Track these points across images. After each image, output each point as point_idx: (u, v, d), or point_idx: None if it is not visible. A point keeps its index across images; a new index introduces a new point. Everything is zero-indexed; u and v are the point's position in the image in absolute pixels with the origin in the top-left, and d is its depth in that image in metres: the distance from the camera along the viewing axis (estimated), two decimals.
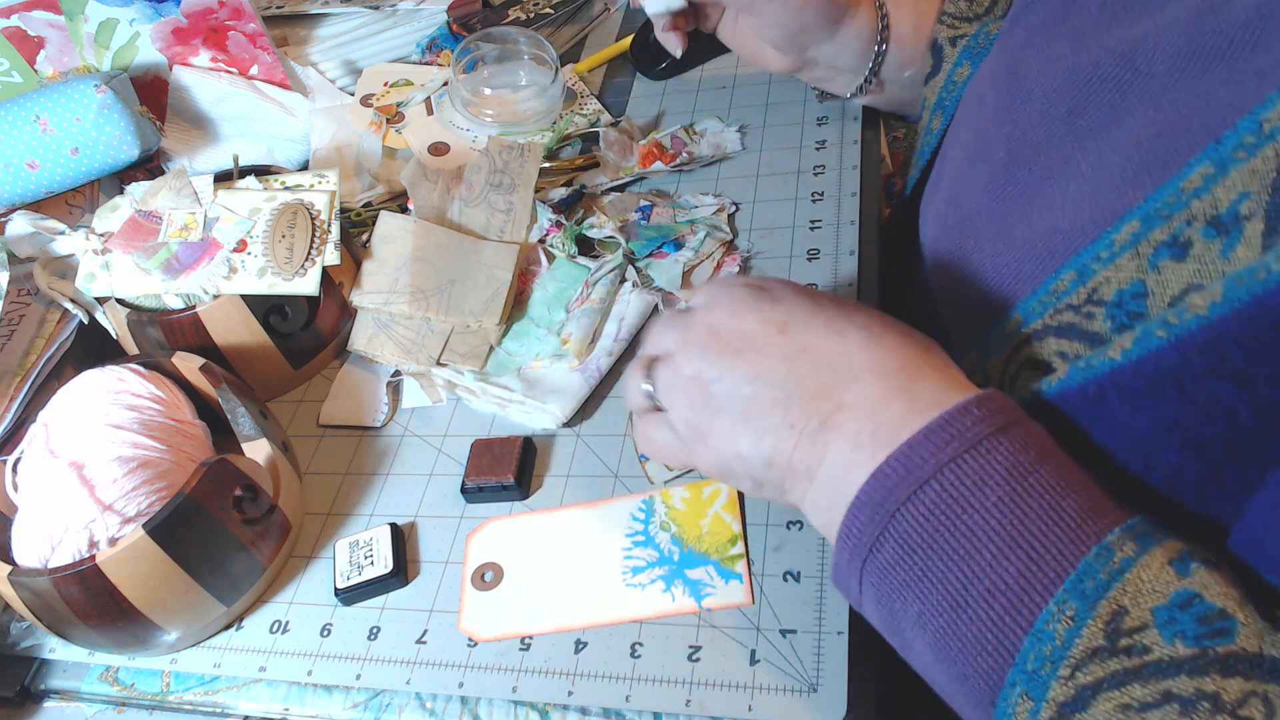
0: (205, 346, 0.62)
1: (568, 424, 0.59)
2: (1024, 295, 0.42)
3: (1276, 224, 0.31)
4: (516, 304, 0.65)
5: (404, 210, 0.71)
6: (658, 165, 0.74)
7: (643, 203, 0.70)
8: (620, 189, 0.73)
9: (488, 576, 0.52)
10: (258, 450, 0.57)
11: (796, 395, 0.39)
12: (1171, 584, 0.32)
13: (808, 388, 0.39)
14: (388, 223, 0.67)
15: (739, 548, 0.50)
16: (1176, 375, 0.33)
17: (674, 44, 0.71)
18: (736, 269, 0.65)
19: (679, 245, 0.66)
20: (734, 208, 0.69)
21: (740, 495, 0.52)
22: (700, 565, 0.50)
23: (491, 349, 0.63)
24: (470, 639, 0.50)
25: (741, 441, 0.40)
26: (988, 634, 0.34)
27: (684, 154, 0.74)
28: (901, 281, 0.64)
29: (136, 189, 0.67)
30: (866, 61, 0.67)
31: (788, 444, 0.39)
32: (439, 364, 0.63)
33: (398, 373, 0.65)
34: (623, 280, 0.65)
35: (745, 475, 0.42)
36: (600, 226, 0.68)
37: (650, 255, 0.66)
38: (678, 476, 0.54)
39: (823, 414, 0.39)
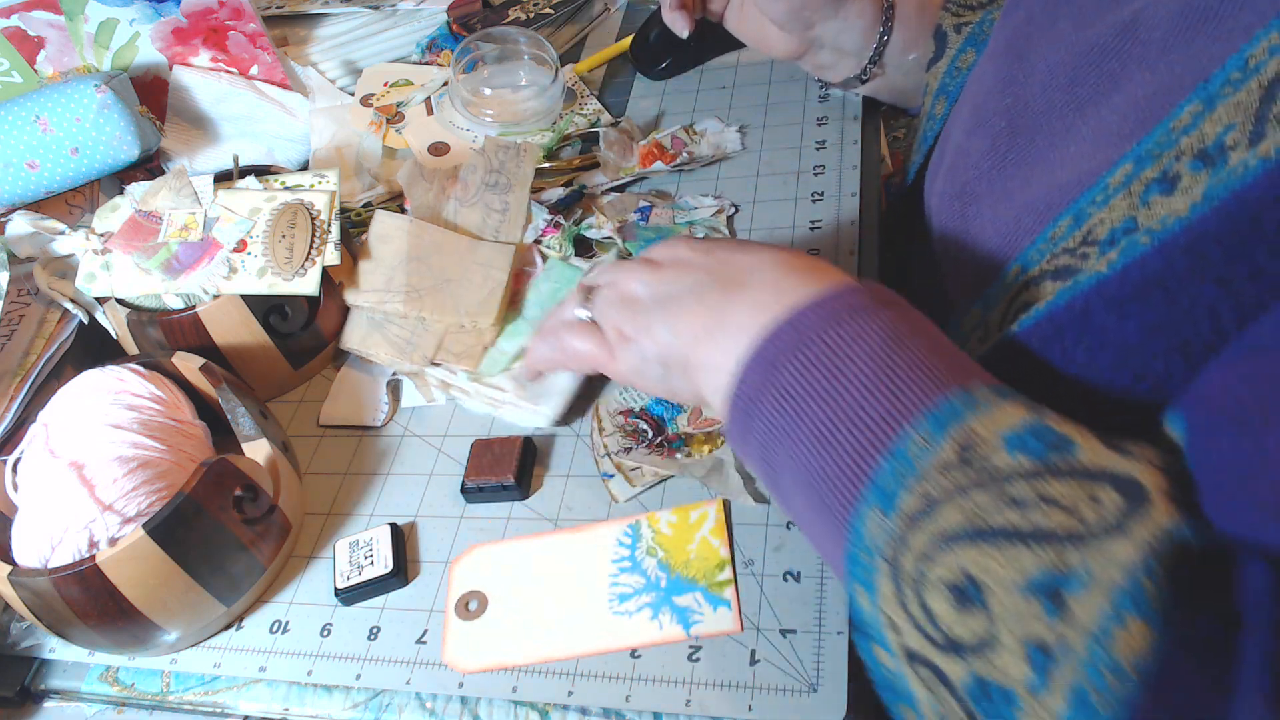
0: (205, 346, 0.62)
1: (564, 422, 0.59)
2: (1023, 248, 0.43)
3: (1259, 149, 0.32)
4: (511, 304, 0.65)
5: (401, 210, 0.71)
6: (658, 165, 0.74)
7: (642, 203, 0.70)
8: (620, 189, 0.73)
9: (472, 605, 0.52)
10: (258, 450, 0.57)
11: (711, 286, 0.44)
12: (1025, 418, 0.33)
13: (721, 281, 0.44)
14: (384, 222, 0.67)
15: (727, 573, 0.49)
16: (1161, 279, 0.34)
17: (680, 24, 0.71)
18: None
19: None
20: (733, 209, 0.69)
21: (728, 517, 0.51)
22: (688, 591, 0.49)
23: (486, 349, 0.63)
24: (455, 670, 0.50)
25: (660, 331, 0.45)
26: (848, 461, 0.36)
27: (684, 154, 0.74)
28: (901, 279, 0.64)
29: (136, 189, 0.67)
30: (870, 44, 0.67)
31: (698, 319, 0.44)
32: (433, 363, 0.63)
33: (397, 372, 0.65)
34: None
35: (656, 361, 0.46)
36: (599, 227, 0.68)
37: None
38: (641, 492, 0.54)
39: (730, 293, 0.43)
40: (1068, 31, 0.46)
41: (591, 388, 0.61)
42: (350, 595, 0.53)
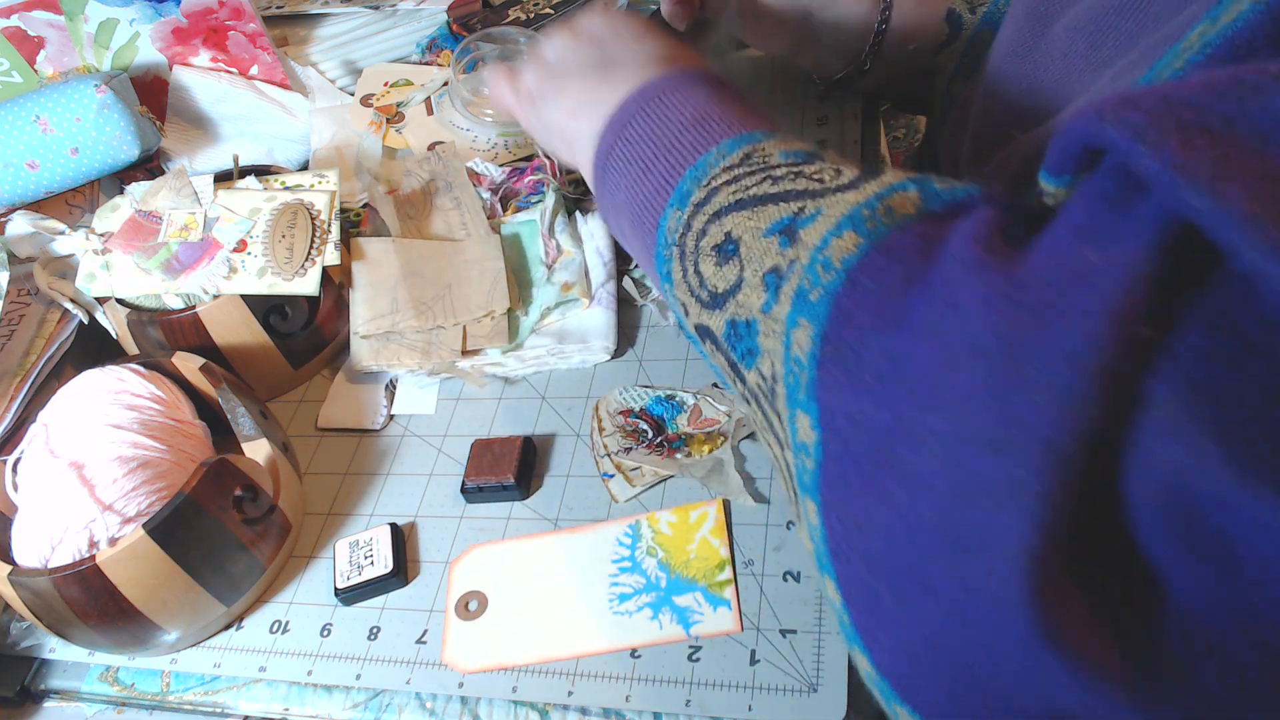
0: (205, 346, 0.62)
1: (618, 354, 0.63)
2: None
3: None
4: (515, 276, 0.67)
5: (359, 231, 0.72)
6: None
7: None
8: None
9: (471, 605, 0.52)
10: (258, 450, 0.57)
11: (595, 66, 0.51)
12: (805, 147, 0.38)
13: (604, 62, 0.51)
14: (369, 247, 0.67)
15: (727, 573, 0.49)
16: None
17: (679, 17, 0.71)
18: None
19: None
20: None
21: (728, 518, 0.51)
22: (688, 591, 0.49)
23: (511, 322, 0.65)
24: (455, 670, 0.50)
25: (550, 103, 0.52)
26: (661, 180, 0.42)
27: None
28: None
29: (136, 189, 0.67)
30: (869, 33, 0.67)
31: (575, 96, 0.50)
32: (465, 353, 0.63)
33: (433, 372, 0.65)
34: (571, 214, 0.69)
35: (553, 130, 0.52)
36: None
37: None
38: (641, 493, 0.54)
39: (604, 73, 0.50)
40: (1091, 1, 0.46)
41: (592, 386, 0.61)
42: (350, 595, 0.53)
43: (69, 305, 0.67)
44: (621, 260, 0.67)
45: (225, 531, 0.52)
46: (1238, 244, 0.22)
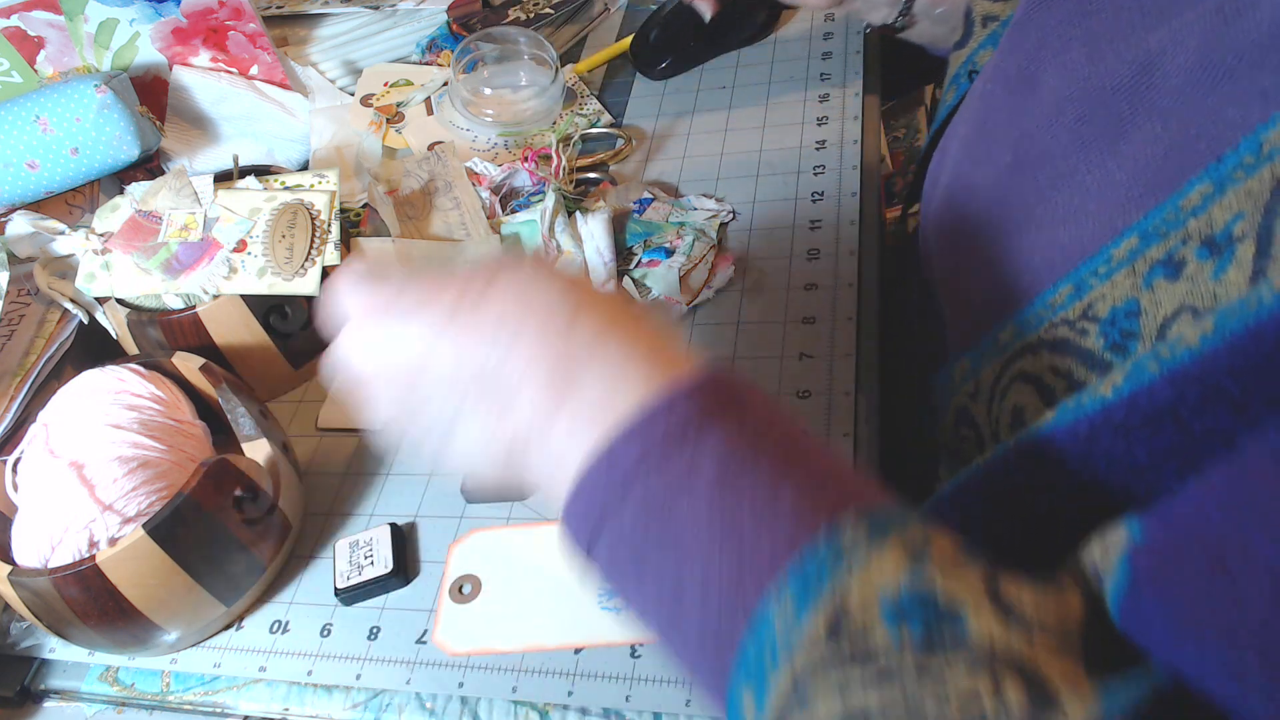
0: (205, 346, 0.62)
1: None
2: (1020, 306, 0.42)
3: (1267, 246, 0.31)
4: None
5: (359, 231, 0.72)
6: None
7: (645, 194, 0.70)
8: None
9: (465, 589, 0.52)
10: (258, 450, 0.57)
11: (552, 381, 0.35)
12: (903, 576, 0.28)
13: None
14: (370, 248, 0.67)
15: None
16: (1172, 409, 0.32)
17: (704, 5, 0.71)
18: (731, 271, 0.65)
19: (669, 252, 0.66)
20: (731, 216, 0.69)
21: None
22: None
23: None
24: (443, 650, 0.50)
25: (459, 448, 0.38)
26: (709, 625, 0.31)
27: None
28: (901, 280, 0.64)
29: (136, 189, 0.67)
30: None
31: (538, 406, 0.35)
32: None
33: None
34: (571, 214, 0.68)
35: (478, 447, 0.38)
36: (594, 210, 0.70)
37: (645, 265, 0.66)
38: None
39: (559, 394, 0.35)
40: (1081, 63, 0.45)
41: None
42: (350, 595, 0.53)
43: (69, 305, 0.67)
44: (621, 260, 0.67)
45: (225, 531, 0.52)
46: None
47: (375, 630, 0.52)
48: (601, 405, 0.34)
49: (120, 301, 0.65)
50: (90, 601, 0.49)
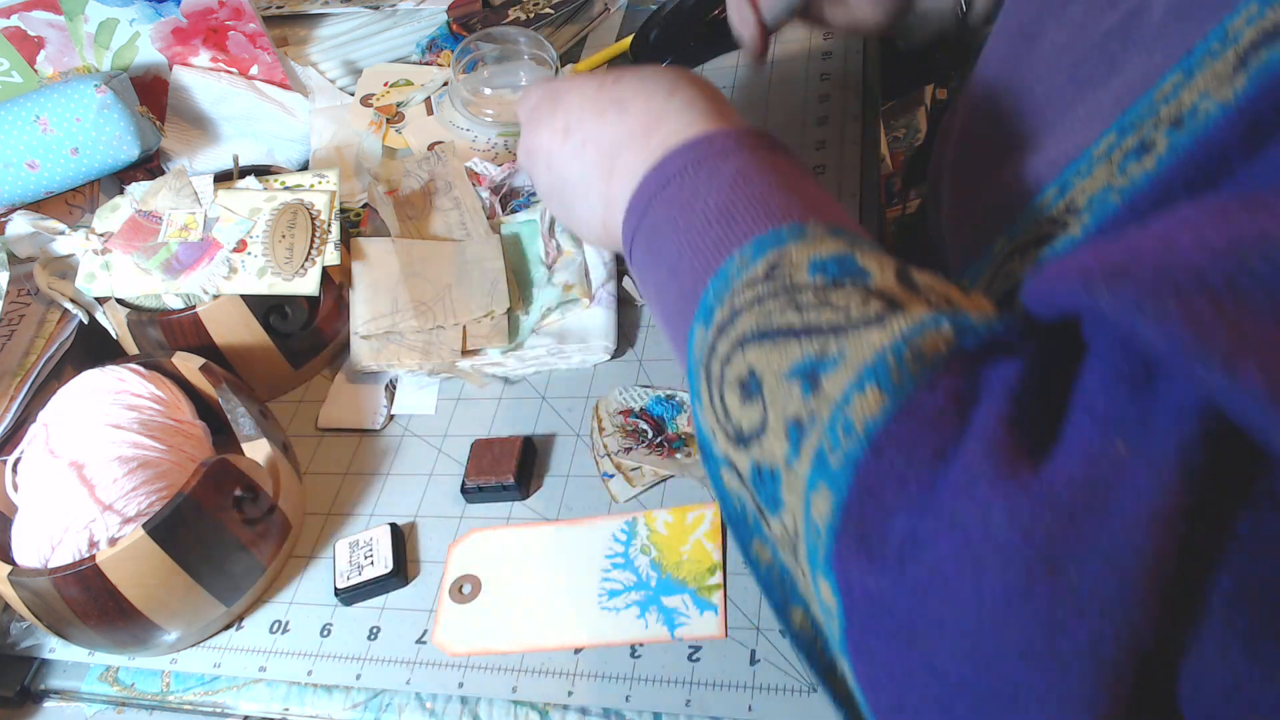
0: (205, 346, 0.62)
1: (618, 354, 0.62)
2: (1012, 219, 0.44)
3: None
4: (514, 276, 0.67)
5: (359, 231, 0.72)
6: None
7: None
8: None
9: (465, 589, 0.52)
10: (258, 450, 0.57)
11: (591, 171, 0.47)
12: (838, 249, 0.34)
13: (597, 160, 0.46)
14: (369, 247, 0.67)
15: (717, 577, 0.49)
16: None
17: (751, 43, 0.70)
18: None
19: None
20: None
21: (723, 522, 0.51)
22: (677, 593, 0.49)
23: (511, 321, 0.65)
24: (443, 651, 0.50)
25: (596, 149, 0.47)
26: (688, 286, 0.38)
27: None
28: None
29: (136, 189, 0.67)
30: (955, 16, 0.66)
31: (626, 137, 0.45)
32: (465, 353, 0.63)
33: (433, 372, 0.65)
34: None
35: (587, 226, 0.48)
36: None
37: None
38: (641, 493, 0.54)
39: (622, 155, 0.45)
40: (1079, 15, 0.47)
41: (592, 386, 0.61)
42: (350, 595, 0.53)
43: (69, 305, 0.67)
44: (621, 260, 0.67)
45: (225, 531, 0.52)
46: (1265, 429, 0.20)
47: (375, 630, 0.52)
48: (667, 140, 0.43)
49: (120, 301, 0.65)
50: (90, 601, 0.49)
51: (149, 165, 0.81)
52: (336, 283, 0.66)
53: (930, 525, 0.25)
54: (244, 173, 0.68)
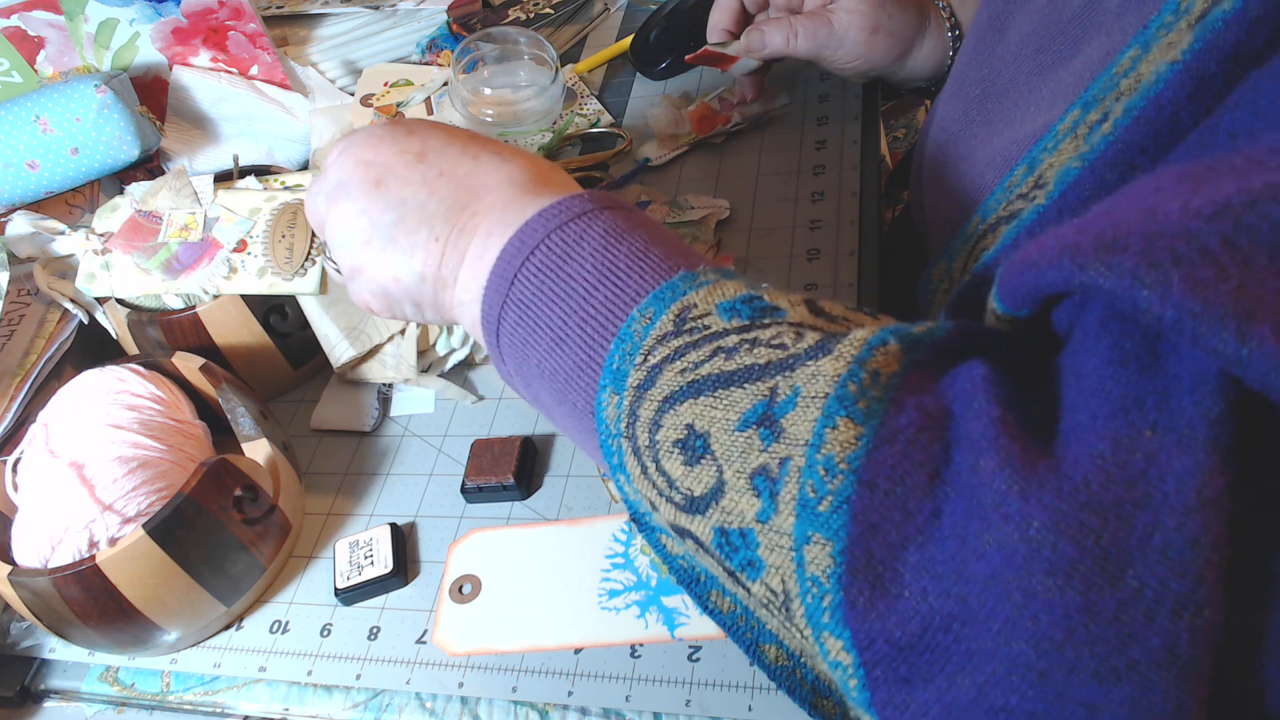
0: (205, 346, 0.62)
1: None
2: (984, 199, 0.45)
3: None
4: None
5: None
6: (718, 129, 0.75)
7: (643, 198, 0.70)
8: (657, 167, 0.73)
9: (465, 589, 0.52)
10: (258, 450, 0.57)
11: (438, 212, 0.42)
12: (742, 291, 0.33)
13: (447, 204, 0.42)
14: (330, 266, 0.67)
15: None
16: (1096, 196, 0.35)
17: (749, 88, 0.75)
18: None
19: None
20: (726, 213, 0.69)
21: None
22: (677, 593, 0.49)
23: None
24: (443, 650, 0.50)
25: (394, 264, 0.42)
26: (582, 354, 0.36)
27: (734, 113, 0.75)
28: (902, 281, 0.64)
29: (136, 189, 0.67)
30: (943, 69, 0.69)
31: (435, 255, 0.41)
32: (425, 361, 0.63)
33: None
34: None
35: (405, 299, 0.43)
36: None
37: None
38: None
39: (461, 222, 0.41)
40: (1043, 6, 0.48)
41: None
42: (350, 595, 0.53)
43: (69, 305, 0.67)
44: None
45: (225, 531, 0.52)
46: None
47: (375, 630, 0.52)
48: (505, 214, 0.40)
49: (120, 301, 0.65)
50: (90, 601, 0.49)
51: (149, 165, 0.81)
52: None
53: (951, 552, 0.23)
54: (244, 173, 0.68)
